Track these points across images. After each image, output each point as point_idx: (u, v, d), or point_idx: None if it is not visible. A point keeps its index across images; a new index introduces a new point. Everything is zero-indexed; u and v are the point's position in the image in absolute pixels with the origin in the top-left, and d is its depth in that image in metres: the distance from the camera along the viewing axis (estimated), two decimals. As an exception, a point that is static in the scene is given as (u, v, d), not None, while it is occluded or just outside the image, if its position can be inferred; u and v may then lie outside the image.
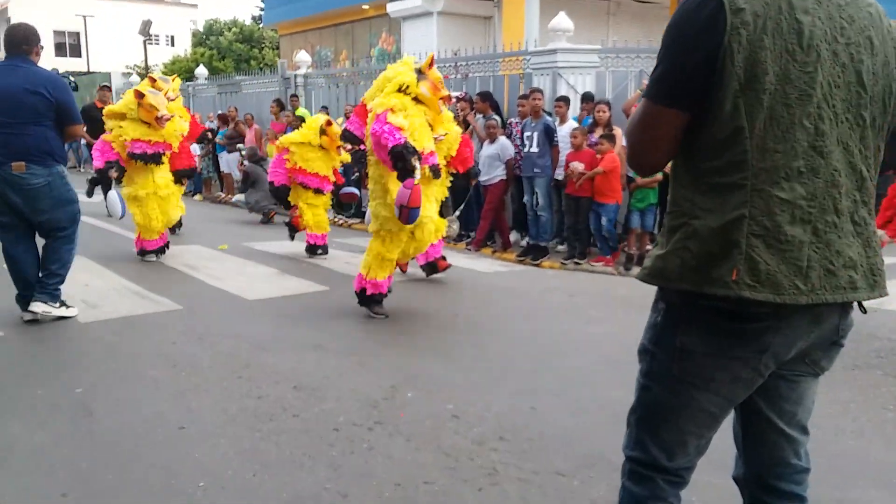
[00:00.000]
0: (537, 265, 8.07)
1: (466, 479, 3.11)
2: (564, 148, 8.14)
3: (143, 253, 7.69)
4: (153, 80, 7.60)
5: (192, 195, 14.22)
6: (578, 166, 7.51)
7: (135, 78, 21.55)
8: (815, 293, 1.57)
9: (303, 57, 14.20)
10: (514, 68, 10.10)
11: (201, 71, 17.60)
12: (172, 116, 7.34)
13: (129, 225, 10.22)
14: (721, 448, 2.07)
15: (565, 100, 8.60)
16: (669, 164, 1.77)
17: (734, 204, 1.56)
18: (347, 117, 11.09)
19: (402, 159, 4.97)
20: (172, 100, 7.59)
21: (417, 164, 5.00)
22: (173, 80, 7.96)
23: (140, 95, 7.14)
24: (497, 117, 8.91)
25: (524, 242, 8.81)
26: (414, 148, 5.03)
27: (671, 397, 1.75)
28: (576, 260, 7.99)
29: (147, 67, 26.54)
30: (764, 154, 1.55)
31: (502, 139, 8.64)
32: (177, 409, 3.83)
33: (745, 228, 1.55)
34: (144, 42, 25.59)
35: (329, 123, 7.92)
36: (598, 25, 18.33)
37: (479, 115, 9.08)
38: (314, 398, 3.97)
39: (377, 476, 3.13)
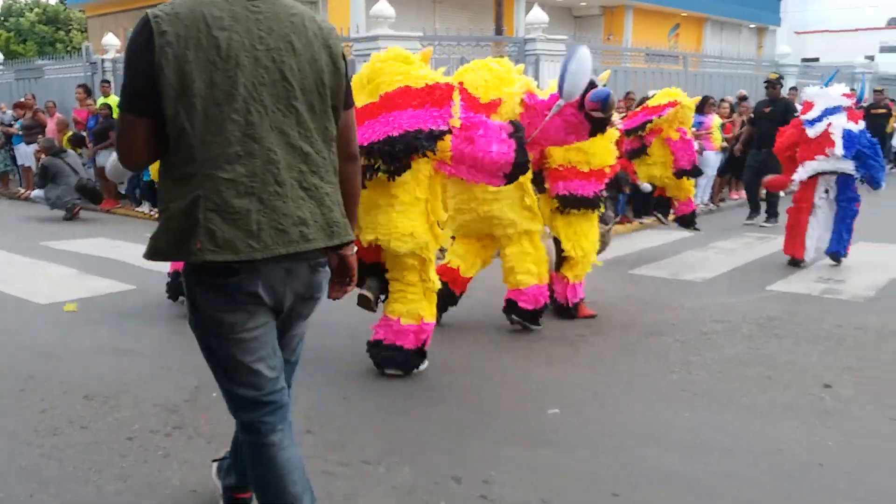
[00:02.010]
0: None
1: (268, 478, 3.01)
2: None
3: None
4: None
5: (-11, 191, 12.88)
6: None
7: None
8: (269, 249, 1.94)
9: (111, 40, 13.18)
10: (338, 55, 9.93)
11: (-5, 54, 15.89)
12: None
13: None
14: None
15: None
16: None
17: (192, 188, 1.90)
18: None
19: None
20: None
21: None
22: None
23: None
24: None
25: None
26: None
27: (215, 347, 2.10)
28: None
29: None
30: (205, 146, 1.89)
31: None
32: (-57, 431, 3.42)
33: (202, 206, 1.89)
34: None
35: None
36: (425, 13, 18.52)
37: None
38: (107, 407, 3.69)
39: (171, 484, 2.96)
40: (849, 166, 6.54)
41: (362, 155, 3.95)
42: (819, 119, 6.58)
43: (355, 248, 2.31)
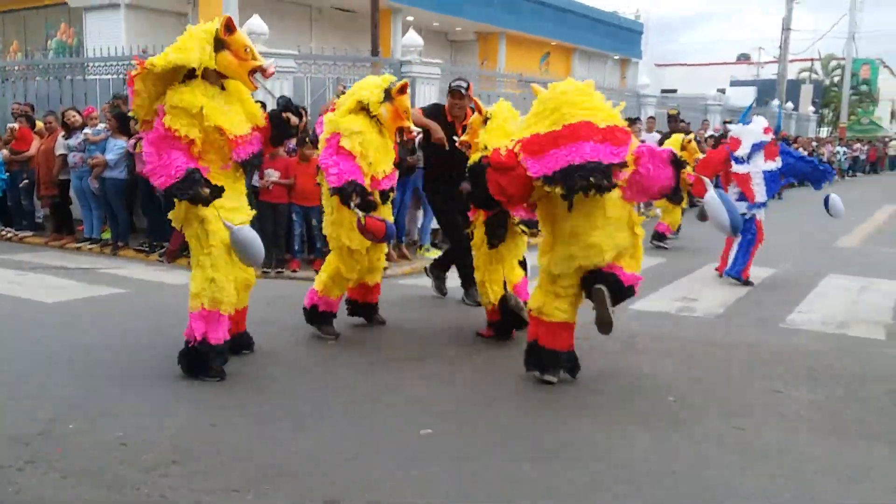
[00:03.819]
0: (237, 274, 7.79)
1: (129, 512, 2.88)
2: (261, 154, 7.98)
3: (196, 357, 4.34)
4: (230, 29, 4.32)
5: None
6: (273, 174, 7.40)
7: None
8: None
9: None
10: (209, 70, 9.67)
11: None
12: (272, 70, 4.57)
13: None
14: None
15: (262, 105, 8.43)
16: None
17: None
18: (19, 116, 9.81)
19: (345, 200, 4.79)
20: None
21: (358, 211, 4.74)
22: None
23: (229, 29, 4.27)
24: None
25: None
26: (359, 185, 4.79)
27: None
28: (277, 269, 7.84)
29: None
30: None
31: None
32: None
33: None
34: None
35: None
36: (301, 30, 18.37)
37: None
38: (-53, 443, 3.41)
39: (22, 523, 2.78)
40: (761, 213, 7.40)
41: (547, 185, 4.01)
42: (746, 161, 7.35)
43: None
